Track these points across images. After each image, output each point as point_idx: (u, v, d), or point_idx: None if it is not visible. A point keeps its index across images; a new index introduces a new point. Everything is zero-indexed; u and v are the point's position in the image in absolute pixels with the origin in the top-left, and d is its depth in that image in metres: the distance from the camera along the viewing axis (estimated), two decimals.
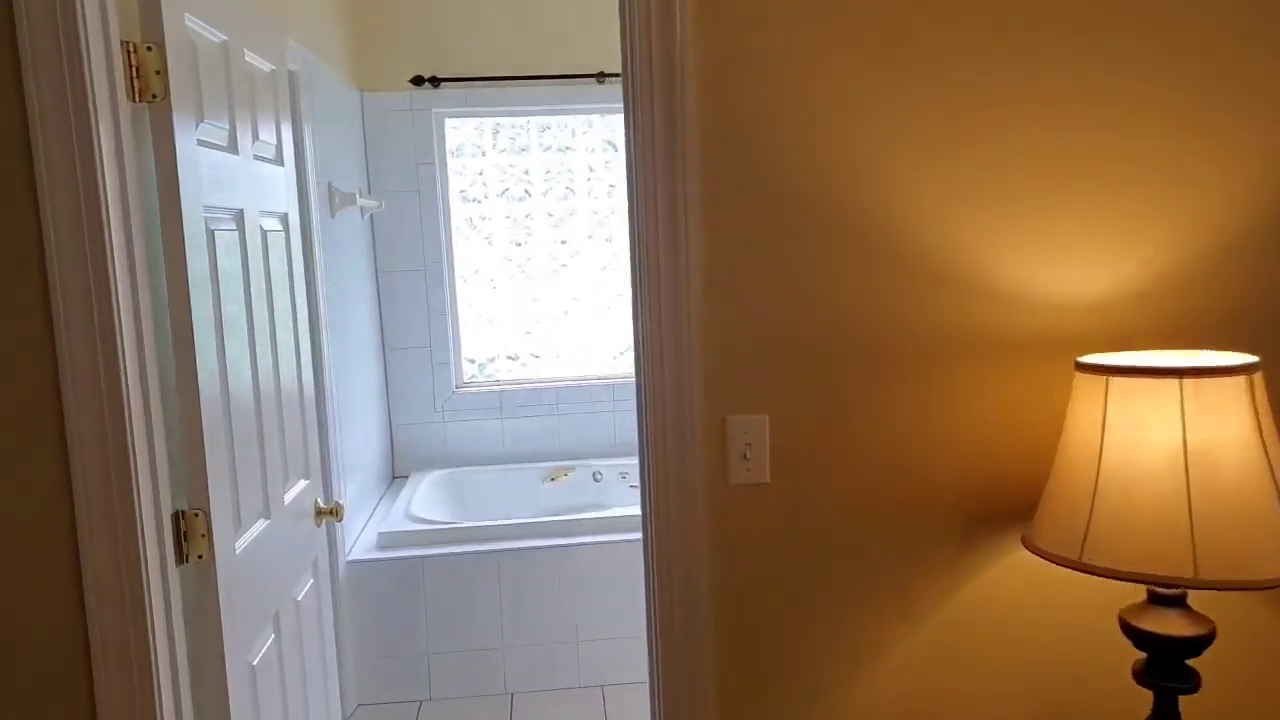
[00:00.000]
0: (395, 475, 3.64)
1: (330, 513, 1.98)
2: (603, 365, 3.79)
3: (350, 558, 2.75)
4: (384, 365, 3.60)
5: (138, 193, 1.29)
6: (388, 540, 2.83)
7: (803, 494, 1.37)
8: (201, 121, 1.49)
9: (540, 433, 3.68)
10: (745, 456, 1.35)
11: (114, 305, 1.23)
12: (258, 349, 1.69)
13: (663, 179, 1.31)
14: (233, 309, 1.58)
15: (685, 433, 1.34)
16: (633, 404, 3.59)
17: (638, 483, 3.51)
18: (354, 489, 2.94)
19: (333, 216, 2.85)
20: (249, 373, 1.64)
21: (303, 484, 1.92)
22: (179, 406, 1.40)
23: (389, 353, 3.61)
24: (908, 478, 1.38)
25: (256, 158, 1.78)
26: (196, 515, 1.39)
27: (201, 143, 1.48)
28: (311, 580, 1.94)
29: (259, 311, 1.71)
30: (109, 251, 1.22)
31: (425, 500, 3.26)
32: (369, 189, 3.52)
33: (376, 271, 3.57)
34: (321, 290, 2.63)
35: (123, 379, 1.23)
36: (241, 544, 1.54)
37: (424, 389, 3.63)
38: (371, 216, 3.52)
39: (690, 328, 1.33)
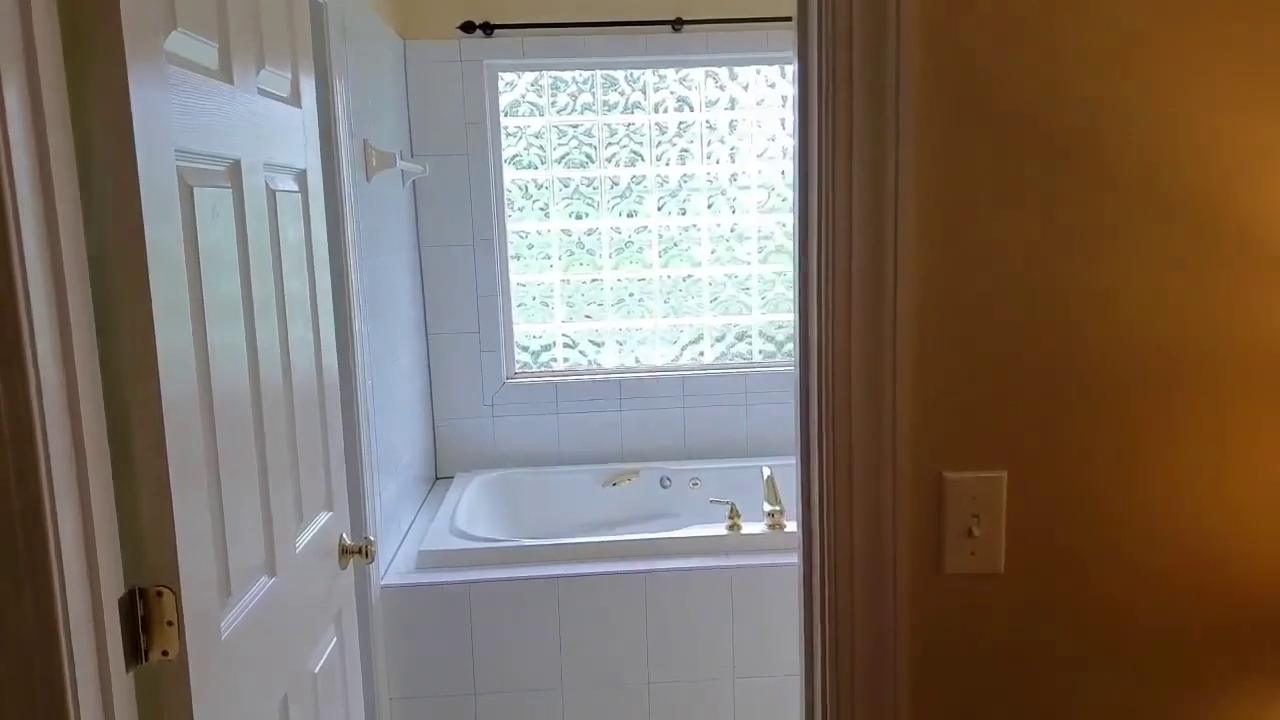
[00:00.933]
0: (438, 476, 3.23)
1: (359, 552, 1.56)
2: (672, 355, 3.35)
3: (385, 581, 2.34)
4: (426, 352, 3.19)
5: (62, 126, 0.87)
6: (429, 560, 2.42)
7: (1056, 592, 0.92)
8: (175, 29, 1.06)
9: (600, 431, 3.25)
10: (970, 533, 0.90)
11: (16, 282, 0.80)
12: (259, 342, 1.26)
13: (861, 120, 0.86)
14: (222, 290, 1.15)
15: (881, 494, 0.89)
16: (708, 400, 3.14)
17: (716, 495, 3.11)
18: (390, 495, 2.53)
19: (369, 180, 2.42)
20: (246, 376, 1.22)
21: (324, 517, 1.50)
22: (136, 430, 0.97)
23: (432, 338, 3.19)
24: (1220, 573, 0.92)
25: (262, 92, 1.35)
26: (160, 595, 0.97)
27: (174, 58, 1.05)
28: (334, 639, 1.52)
29: (262, 292, 1.29)
30: (8, 205, 0.79)
31: (471, 509, 2.84)
32: (411, 151, 3.10)
33: (419, 245, 3.15)
34: (354, 265, 2.21)
35: (31, 391, 0.81)
36: (231, 622, 1.12)
37: (471, 380, 3.21)
38: (414, 183, 3.10)
39: (895, 333, 0.88)
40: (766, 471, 2.62)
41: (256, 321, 1.26)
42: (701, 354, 3.36)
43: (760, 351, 3.36)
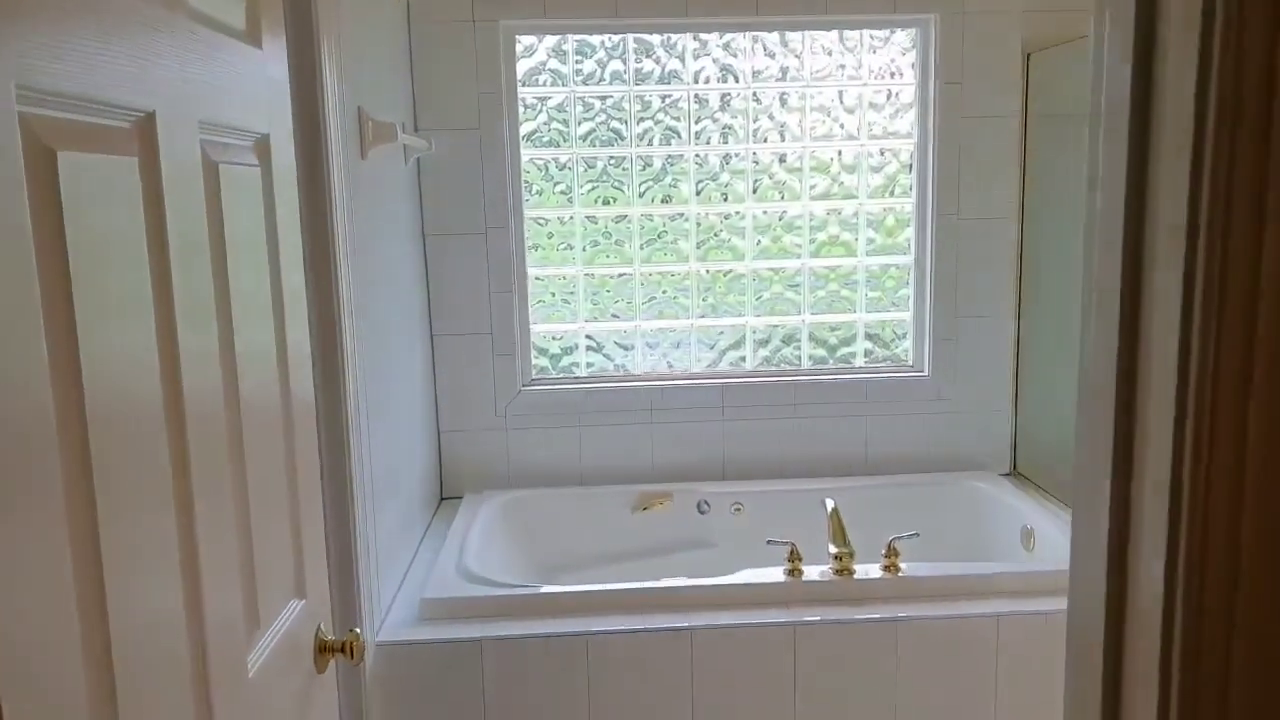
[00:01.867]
0: (444, 496, 2.85)
1: (342, 649, 1.17)
2: (709, 360, 2.95)
3: (381, 638, 1.96)
4: (431, 355, 2.79)
5: None
6: (434, 610, 2.04)
7: None
8: None
9: (628, 446, 2.86)
10: None
11: None
12: (182, 352, 0.87)
13: None
14: (112, 286, 0.76)
15: None
16: (751, 412, 2.74)
17: (753, 517, 2.71)
18: (387, 524, 2.14)
19: (364, 157, 2.03)
20: (151, 396, 0.82)
21: (293, 609, 1.11)
22: None
23: (437, 340, 2.80)
24: None
25: (197, 16, 0.95)
26: None
27: None
28: None
29: (190, 289, 0.90)
30: None
31: (483, 540, 2.46)
32: (415, 125, 2.69)
33: (424, 233, 2.75)
34: (344, 256, 1.82)
35: None
36: None
37: (482, 387, 2.82)
38: (418, 161, 2.70)
39: None
40: (830, 504, 2.23)
41: (179, 326, 0.87)
42: (743, 359, 2.96)
43: (810, 357, 2.96)
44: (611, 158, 2.85)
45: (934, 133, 2.80)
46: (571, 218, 2.87)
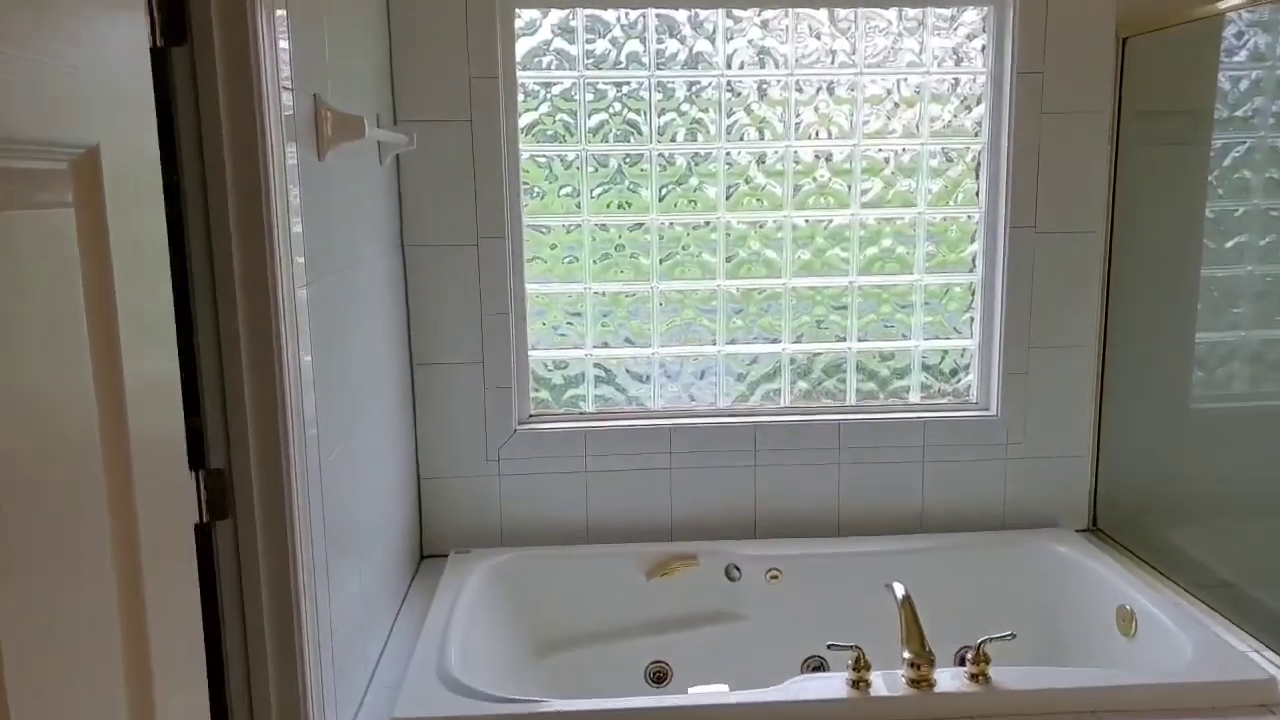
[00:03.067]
0: (425, 554, 2.42)
1: None
2: (739, 393, 2.52)
3: None
4: (410, 388, 2.36)
5: None
6: None
7: None
8: None
9: (644, 496, 2.43)
10: None
11: None
12: None
13: None
14: None
15: None
16: (788, 456, 2.32)
17: (783, 576, 2.25)
18: (349, 603, 1.72)
19: (321, 157, 1.58)
20: None
21: None
22: None
23: (419, 370, 2.36)
24: None
25: None
26: None
27: None
28: None
29: None
30: None
31: (469, 618, 2.03)
32: (394, 116, 2.25)
33: (403, 244, 2.31)
34: (286, 277, 1.38)
35: None
36: None
37: (471, 425, 2.39)
38: (397, 159, 2.26)
39: None
40: (900, 591, 1.81)
41: None
42: (778, 392, 2.53)
43: (858, 391, 2.53)
44: (627, 155, 2.41)
45: (1008, 131, 2.37)
46: (579, 225, 2.43)
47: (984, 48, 2.40)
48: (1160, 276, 2.40)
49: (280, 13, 1.39)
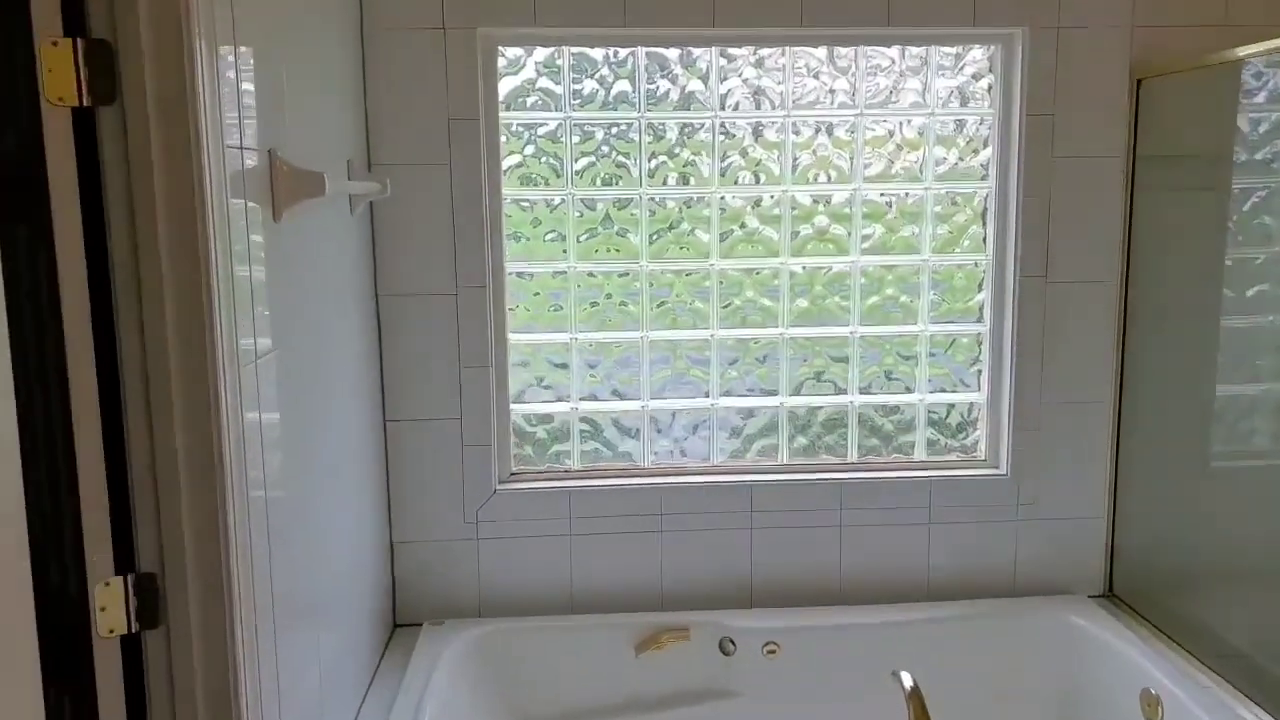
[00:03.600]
0: (398, 623, 2.27)
1: None
2: (734, 448, 2.38)
3: None
4: (383, 445, 2.22)
5: None
6: None
7: None
8: None
9: (632, 561, 2.29)
10: None
11: None
12: None
13: None
14: None
15: None
16: (786, 518, 2.19)
17: (798, 662, 2.06)
18: (311, 684, 1.57)
19: (278, 218, 1.45)
20: None
21: None
22: None
23: (392, 427, 2.22)
24: None
25: None
26: None
27: None
28: None
29: None
30: None
31: (446, 704, 1.88)
32: (367, 160, 2.12)
33: (376, 294, 2.18)
34: (224, 350, 1.24)
35: None
36: None
37: (448, 485, 2.24)
38: (371, 205, 2.13)
39: None
40: (908, 681, 1.66)
41: None
42: (775, 448, 2.39)
43: (861, 447, 2.39)
44: (616, 200, 2.28)
45: (1018, 175, 2.25)
46: (564, 272, 2.30)
47: (990, 88, 2.28)
48: (1178, 327, 2.27)
49: (228, 60, 1.26)
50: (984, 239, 2.34)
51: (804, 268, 2.33)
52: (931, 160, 2.30)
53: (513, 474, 2.31)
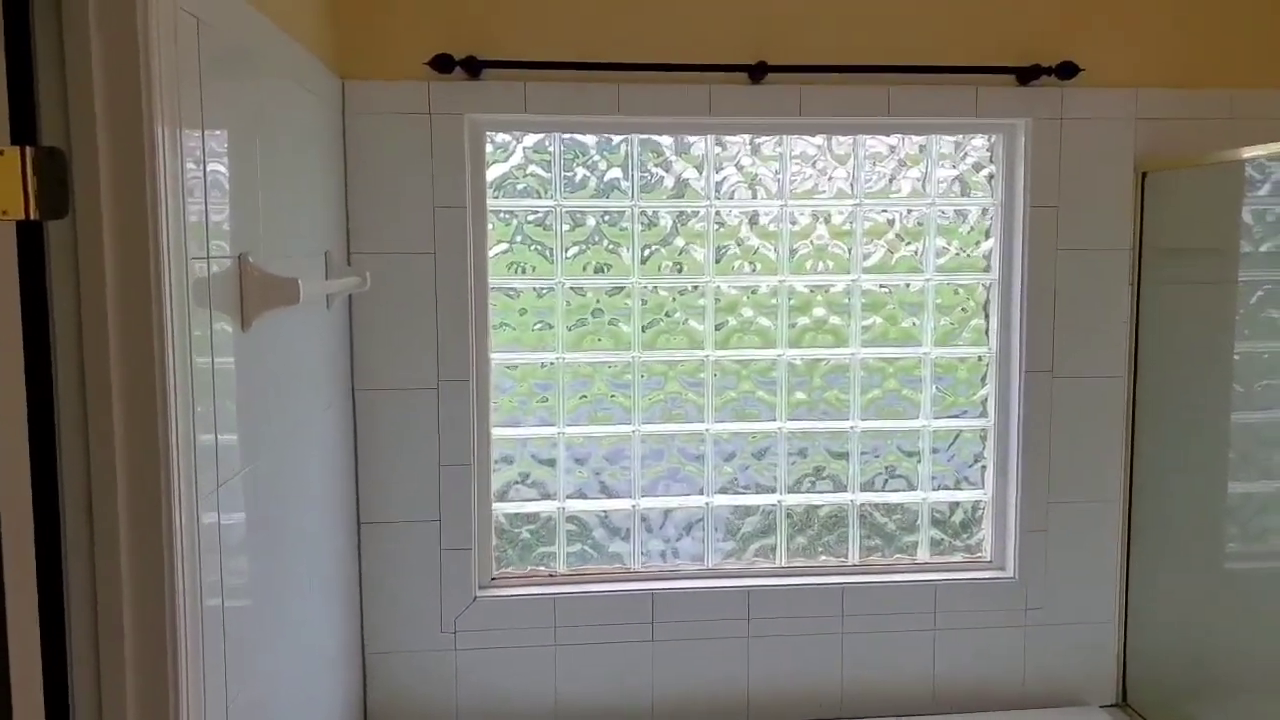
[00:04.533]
0: None
1: None
2: (730, 550, 2.26)
3: None
4: (357, 549, 2.08)
5: None
6: None
7: None
8: None
9: (621, 672, 2.15)
10: None
11: None
12: None
13: None
14: None
15: None
16: (786, 625, 2.06)
17: None
18: None
19: (246, 328, 1.34)
20: None
21: None
22: None
23: (366, 529, 2.09)
24: None
25: None
26: None
27: None
28: None
29: None
30: None
31: None
32: (347, 250, 2.02)
33: (353, 389, 2.06)
34: (184, 492, 1.12)
35: None
36: None
37: (425, 591, 2.10)
38: (350, 298, 2.02)
39: None
40: None
41: None
42: (773, 549, 2.27)
43: (863, 546, 2.28)
44: (608, 289, 2.19)
45: (1021, 267, 2.18)
46: (553, 363, 2.19)
47: (992, 178, 2.22)
48: (1188, 423, 2.19)
49: (196, 158, 1.16)
50: (986, 331, 2.26)
51: (802, 360, 2.24)
52: (932, 250, 2.23)
53: (494, 578, 2.18)
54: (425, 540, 2.09)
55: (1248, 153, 1.91)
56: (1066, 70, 2.07)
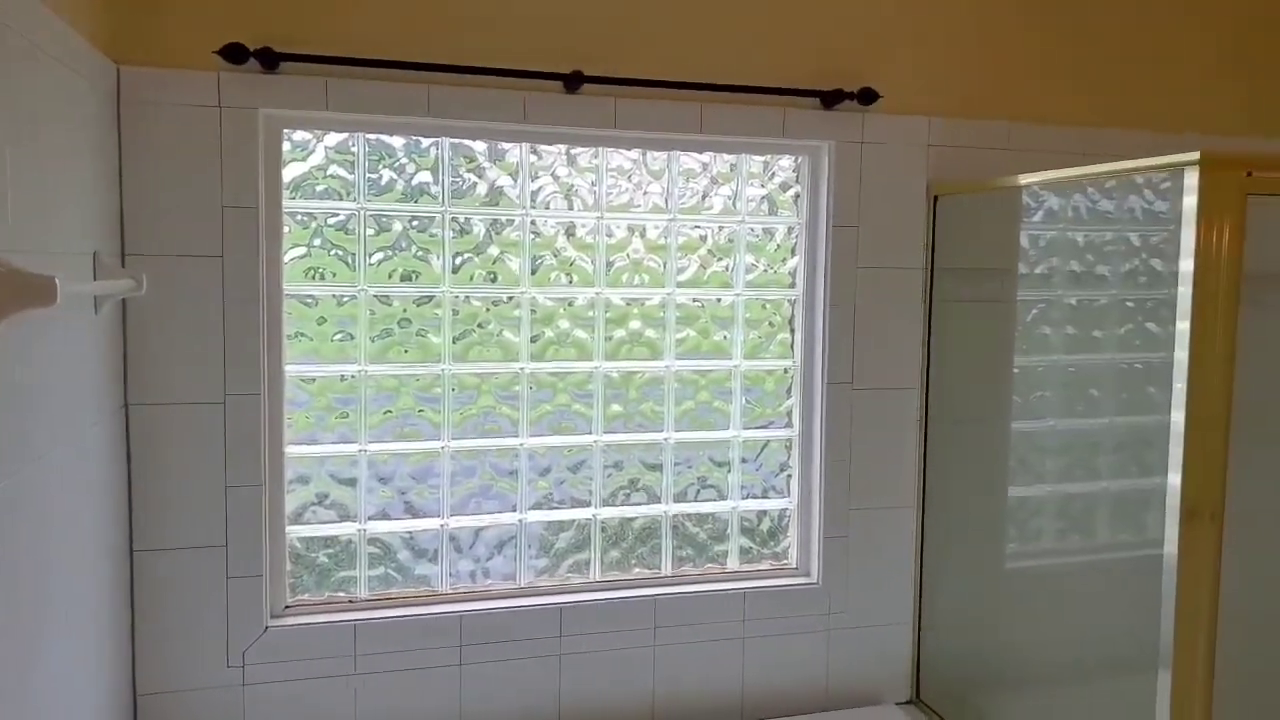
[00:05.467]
0: None
1: None
2: (544, 567, 2.21)
3: None
4: (128, 582, 1.88)
5: None
6: None
7: None
8: None
9: (428, 702, 2.05)
10: None
11: None
12: None
13: None
14: None
15: None
16: (599, 641, 2.04)
17: None
18: None
19: None
20: None
21: None
22: None
23: (140, 558, 1.89)
24: None
25: None
26: None
27: None
28: None
29: None
30: None
31: None
32: (121, 251, 1.83)
33: (126, 405, 1.86)
34: None
35: None
36: None
37: (209, 624, 1.93)
38: (123, 303, 1.83)
39: None
40: None
41: None
42: (588, 563, 2.24)
43: (675, 557, 2.29)
44: (416, 298, 2.10)
45: (824, 284, 2.26)
46: (355, 374, 2.07)
47: (798, 198, 2.30)
48: (974, 433, 2.35)
49: None
50: (791, 345, 2.33)
51: (618, 372, 2.23)
52: (742, 266, 2.28)
53: (288, 607, 2.03)
54: (209, 568, 1.92)
55: (1025, 179, 2.06)
56: (867, 96, 2.17)
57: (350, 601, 2.07)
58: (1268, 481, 2.48)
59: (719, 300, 2.28)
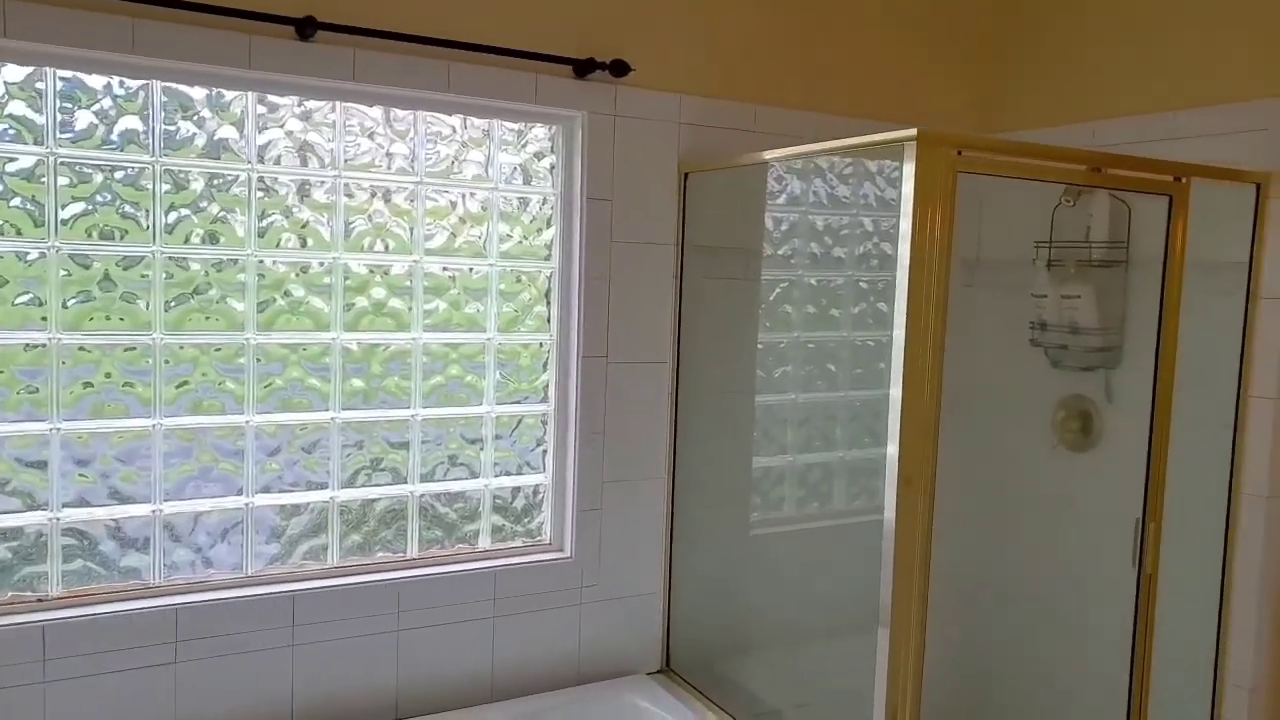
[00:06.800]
0: None
1: None
2: (274, 554, 2.04)
3: None
4: None
5: None
6: None
7: None
8: None
9: (136, 706, 1.84)
10: None
11: None
12: None
13: None
14: None
15: None
16: (337, 629, 1.92)
17: None
18: None
19: None
20: None
21: None
22: None
23: None
24: None
25: None
26: None
27: None
28: None
29: None
30: None
31: None
32: None
33: None
34: None
35: None
36: None
37: None
38: None
39: None
40: None
41: None
42: (325, 549, 2.10)
43: (423, 539, 2.19)
44: (122, 259, 1.86)
45: (580, 257, 2.24)
46: (44, 344, 1.82)
47: (553, 168, 2.26)
48: (721, 406, 2.42)
49: None
50: (548, 319, 2.29)
51: (359, 344, 2.10)
52: (495, 236, 2.21)
53: None
54: None
55: (768, 155, 2.13)
56: (619, 68, 2.16)
57: (39, 601, 1.82)
58: (978, 449, 2.73)
59: (471, 270, 2.20)
